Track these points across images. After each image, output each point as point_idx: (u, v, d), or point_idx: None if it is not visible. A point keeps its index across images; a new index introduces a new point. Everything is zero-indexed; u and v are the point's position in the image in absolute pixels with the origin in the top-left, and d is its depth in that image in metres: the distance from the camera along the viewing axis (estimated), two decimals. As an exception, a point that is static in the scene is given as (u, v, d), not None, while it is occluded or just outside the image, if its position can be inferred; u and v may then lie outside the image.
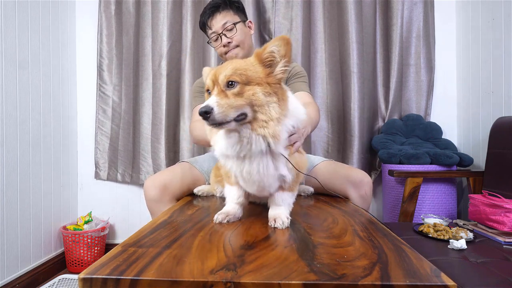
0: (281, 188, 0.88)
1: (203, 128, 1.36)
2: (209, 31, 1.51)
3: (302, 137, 0.93)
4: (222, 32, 1.47)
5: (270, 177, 0.82)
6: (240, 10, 1.54)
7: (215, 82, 0.76)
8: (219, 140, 0.82)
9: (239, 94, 0.74)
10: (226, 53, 1.50)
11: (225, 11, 1.47)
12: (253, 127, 0.76)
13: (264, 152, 0.79)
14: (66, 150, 2.26)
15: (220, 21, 1.46)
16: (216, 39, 1.50)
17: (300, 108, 0.86)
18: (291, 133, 0.83)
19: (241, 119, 0.75)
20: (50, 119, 2.08)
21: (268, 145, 0.77)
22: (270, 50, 0.77)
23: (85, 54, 2.35)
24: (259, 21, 2.20)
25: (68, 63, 2.28)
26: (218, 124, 0.72)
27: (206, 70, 0.90)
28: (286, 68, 0.78)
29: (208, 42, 1.58)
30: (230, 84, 0.74)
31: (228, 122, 0.72)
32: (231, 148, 0.78)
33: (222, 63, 1.67)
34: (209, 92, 0.79)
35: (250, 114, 0.75)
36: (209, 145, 1.42)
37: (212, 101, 0.72)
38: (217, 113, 0.70)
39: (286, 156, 0.82)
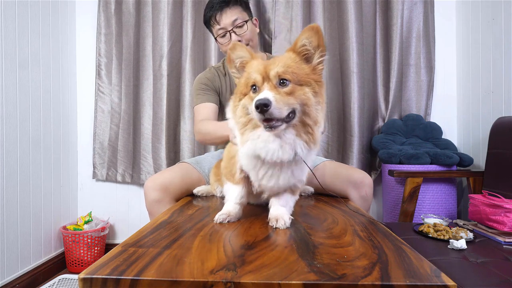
0: (289, 191, 0.89)
1: (213, 124, 1.36)
2: (216, 27, 1.47)
3: None
4: (232, 29, 1.45)
5: (289, 182, 0.83)
6: (248, 8, 1.52)
7: (265, 77, 0.74)
8: (256, 139, 0.76)
9: (290, 94, 0.72)
10: None
11: (235, 7, 1.45)
12: (298, 132, 0.75)
13: (299, 159, 0.78)
14: (66, 150, 2.26)
15: (230, 17, 1.44)
16: (224, 36, 1.47)
17: None
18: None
19: (290, 119, 0.73)
20: (50, 118, 2.08)
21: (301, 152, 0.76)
22: (302, 43, 0.76)
23: (85, 54, 2.35)
24: (260, 21, 2.20)
25: (68, 63, 2.28)
26: (272, 127, 0.70)
27: (237, 47, 0.84)
28: (323, 58, 0.76)
29: (214, 38, 1.55)
30: (282, 82, 0.73)
31: (280, 121, 0.70)
32: (271, 153, 0.74)
33: (223, 60, 1.66)
34: (254, 87, 0.76)
35: (299, 114, 0.74)
36: (218, 142, 1.41)
37: (269, 95, 0.69)
38: (275, 107, 0.67)
39: (308, 165, 0.82)
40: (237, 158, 0.87)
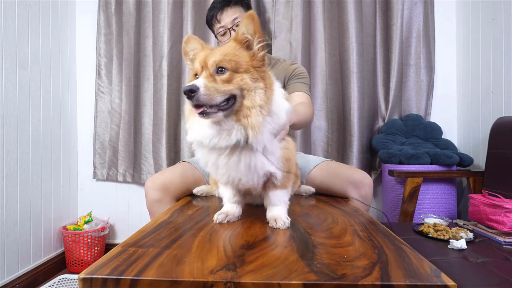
0: (273, 185, 0.86)
1: None
2: (217, 25, 1.50)
3: (284, 131, 0.87)
4: (232, 27, 1.47)
5: (252, 173, 0.79)
6: (249, 9, 1.54)
7: (204, 66, 0.76)
8: (197, 126, 0.78)
9: (227, 81, 0.74)
10: None
11: (236, 6, 1.48)
12: (238, 117, 0.75)
13: (242, 146, 0.75)
14: (66, 150, 2.26)
15: (230, 15, 1.47)
16: (224, 34, 1.50)
17: (283, 102, 0.83)
18: (275, 130, 0.79)
19: (229, 106, 0.74)
20: (50, 118, 2.08)
21: (247, 138, 0.74)
22: (241, 32, 0.78)
23: (85, 54, 2.35)
24: (260, 21, 2.20)
25: (68, 63, 2.28)
26: (204, 114, 0.71)
27: (190, 39, 0.86)
28: (262, 44, 0.79)
29: (215, 36, 1.57)
30: (219, 70, 0.74)
31: (213, 108, 0.71)
32: (208, 138, 0.76)
33: None
34: (196, 76, 0.78)
35: (239, 99, 0.75)
36: None
37: (199, 82, 0.71)
38: (202, 93, 0.69)
39: (262, 151, 0.78)
40: None
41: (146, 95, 2.28)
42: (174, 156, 2.27)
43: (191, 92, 0.69)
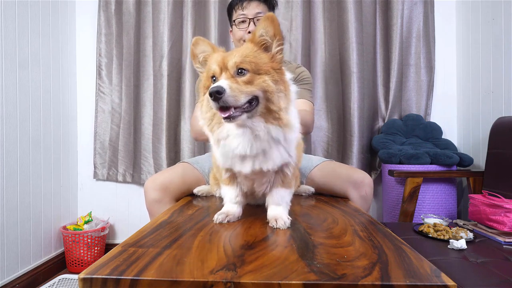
0: (279, 183, 0.87)
1: None
2: (239, 11, 1.51)
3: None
4: (253, 19, 1.49)
5: (276, 162, 0.80)
6: (271, 10, 1.57)
7: (223, 68, 0.74)
8: (226, 138, 0.77)
9: (248, 82, 0.72)
10: (245, 40, 1.50)
11: (263, 4, 1.51)
12: (267, 119, 0.75)
13: (278, 143, 0.77)
14: (66, 150, 2.26)
15: (255, 8, 1.50)
16: (243, 21, 1.51)
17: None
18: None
19: (252, 108, 0.73)
20: (50, 118, 2.08)
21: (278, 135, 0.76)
22: (259, 34, 0.77)
23: (85, 54, 2.35)
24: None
25: (68, 63, 2.28)
26: (231, 118, 0.69)
27: (199, 41, 0.85)
28: (281, 47, 0.77)
29: (234, 21, 1.57)
30: (240, 71, 0.73)
31: (238, 110, 0.70)
32: (248, 147, 0.75)
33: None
34: (213, 79, 0.76)
35: (263, 102, 0.74)
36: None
37: (224, 83, 0.69)
38: (229, 95, 0.67)
39: (287, 147, 0.80)
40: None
41: (146, 95, 2.28)
42: (174, 156, 2.27)
43: (218, 94, 0.66)
